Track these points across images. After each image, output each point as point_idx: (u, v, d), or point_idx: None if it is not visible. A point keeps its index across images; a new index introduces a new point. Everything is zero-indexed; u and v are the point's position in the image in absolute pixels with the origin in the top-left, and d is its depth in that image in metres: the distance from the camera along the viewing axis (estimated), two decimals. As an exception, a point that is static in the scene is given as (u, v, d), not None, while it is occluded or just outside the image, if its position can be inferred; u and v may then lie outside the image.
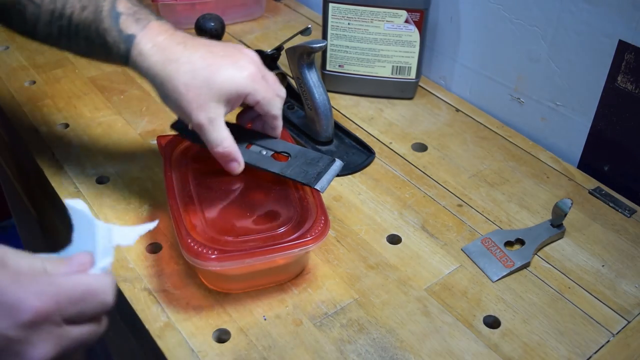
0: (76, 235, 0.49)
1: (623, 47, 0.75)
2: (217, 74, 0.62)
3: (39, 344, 0.40)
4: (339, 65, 0.94)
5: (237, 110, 0.69)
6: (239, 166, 0.65)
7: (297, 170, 0.65)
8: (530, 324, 0.62)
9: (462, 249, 0.70)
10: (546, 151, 0.86)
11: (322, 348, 0.59)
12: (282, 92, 0.67)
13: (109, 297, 0.45)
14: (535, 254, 0.70)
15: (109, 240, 0.48)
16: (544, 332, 0.62)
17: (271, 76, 0.67)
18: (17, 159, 1.03)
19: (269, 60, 0.87)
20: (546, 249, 0.71)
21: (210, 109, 0.62)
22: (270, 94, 0.65)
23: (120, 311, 0.70)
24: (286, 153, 0.68)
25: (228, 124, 0.64)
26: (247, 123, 0.71)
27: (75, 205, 0.49)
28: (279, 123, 0.68)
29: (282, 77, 0.88)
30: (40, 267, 0.44)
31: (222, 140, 0.63)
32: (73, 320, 0.43)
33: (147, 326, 0.61)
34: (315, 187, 0.63)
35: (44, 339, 0.40)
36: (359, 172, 0.81)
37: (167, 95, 0.63)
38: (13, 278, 0.40)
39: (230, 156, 0.64)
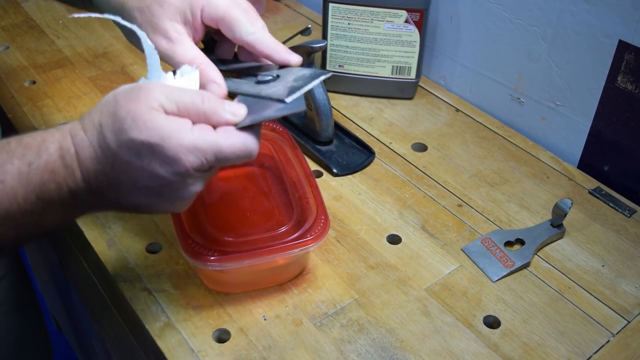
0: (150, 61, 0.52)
1: (623, 47, 0.75)
2: None
3: (191, 185, 0.48)
4: (339, 65, 0.94)
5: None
6: (218, 88, 0.54)
7: (276, 88, 0.54)
8: (530, 324, 0.62)
9: (462, 249, 0.70)
10: (546, 151, 0.86)
11: (322, 348, 0.59)
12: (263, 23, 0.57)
13: (255, 153, 0.49)
14: (535, 254, 0.70)
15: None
16: (544, 332, 0.62)
17: (245, 1, 0.57)
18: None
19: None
20: (546, 249, 0.71)
21: (167, 29, 0.55)
22: (235, 11, 0.55)
23: (120, 311, 0.70)
24: (272, 75, 0.56)
25: (215, 59, 0.56)
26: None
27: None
28: (265, 47, 0.55)
29: None
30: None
31: (193, 58, 0.54)
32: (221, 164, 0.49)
33: (147, 326, 0.61)
34: (285, 100, 0.51)
35: (194, 181, 0.48)
36: (359, 172, 0.81)
37: (126, 28, 0.56)
38: (170, 131, 0.45)
39: (205, 74, 0.54)
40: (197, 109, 0.48)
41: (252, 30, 0.55)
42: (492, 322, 0.63)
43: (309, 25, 0.84)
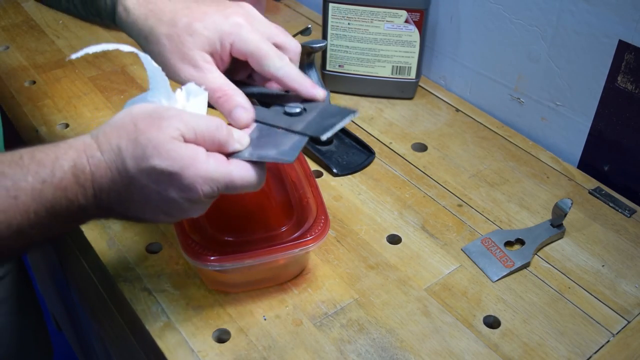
0: (152, 81, 0.53)
1: (623, 47, 0.75)
2: (199, 21, 0.56)
3: (199, 208, 0.52)
4: (339, 65, 0.94)
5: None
6: (245, 112, 0.55)
7: (308, 124, 0.55)
8: (530, 324, 0.62)
9: (462, 249, 0.70)
10: (546, 151, 0.86)
11: (322, 348, 0.59)
12: (293, 46, 0.58)
13: (261, 185, 0.53)
14: (535, 254, 0.70)
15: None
16: (544, 332, 0.62)
17: (272, 28, 0.58)
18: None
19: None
20: (546, 249, 0.71)
21: (196, 58, 0.56)
22: (264, 46, 0.56)
23: (120, 311, 0.70)
24: (300, 108, 0.57)
25: (236, 82, 0.57)
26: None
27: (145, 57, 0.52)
28: (292, 81, 0.57)
29: None
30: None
31: (221, 85, 0.56)
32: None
33: (147, 326, 0.61)
34: (321, 137, 0.53)
35: (202, 205, 0.52)
36: (359, 172, 0.81)
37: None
38: (190, 160, 0.48)
39: (232, 100, 0.55)
40: (212, 136, 0.50)
41: (280, 65, 0.56)
42: (492, 322, 0.63)
43: (309, 25, 0.84)
